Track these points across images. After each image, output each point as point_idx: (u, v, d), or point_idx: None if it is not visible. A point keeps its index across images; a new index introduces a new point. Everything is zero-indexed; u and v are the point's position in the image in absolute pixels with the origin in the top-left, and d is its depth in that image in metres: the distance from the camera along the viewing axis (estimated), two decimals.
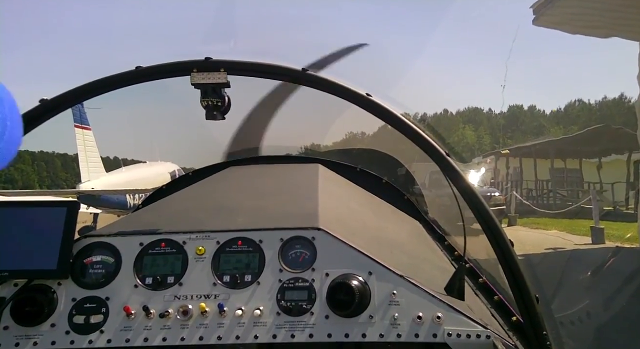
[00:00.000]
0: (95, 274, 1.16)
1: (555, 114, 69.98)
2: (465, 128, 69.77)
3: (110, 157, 39.34)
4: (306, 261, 1.15)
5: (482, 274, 1.60)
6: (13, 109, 0.83)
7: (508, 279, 1.15)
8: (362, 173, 2.44)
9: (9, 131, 0.81)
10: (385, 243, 1.46)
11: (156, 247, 1.18)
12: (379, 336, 1.08)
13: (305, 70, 1.23)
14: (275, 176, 2.15)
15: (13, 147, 0.82)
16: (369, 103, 1.22)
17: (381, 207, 2.15)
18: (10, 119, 0.82)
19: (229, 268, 1.16)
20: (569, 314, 3.81)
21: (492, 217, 1.15)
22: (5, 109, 0.81)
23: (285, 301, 1.11)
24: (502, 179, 25.36)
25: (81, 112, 15.39)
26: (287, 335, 1.08)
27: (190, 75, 1.21)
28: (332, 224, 1.24)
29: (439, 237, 2.05)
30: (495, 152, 28.18)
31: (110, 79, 1.25)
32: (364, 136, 4.24)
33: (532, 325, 1.12)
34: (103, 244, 1.19)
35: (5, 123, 0.80)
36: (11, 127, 0.82)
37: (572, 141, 22.31)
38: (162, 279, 1.14)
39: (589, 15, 7.70)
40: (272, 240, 1.18)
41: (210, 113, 1.26)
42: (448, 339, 1.07)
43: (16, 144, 0.84)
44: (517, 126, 69.77)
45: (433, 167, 1.26)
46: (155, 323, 1.10)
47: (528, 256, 7.68)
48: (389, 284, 1.11)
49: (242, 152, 2.69)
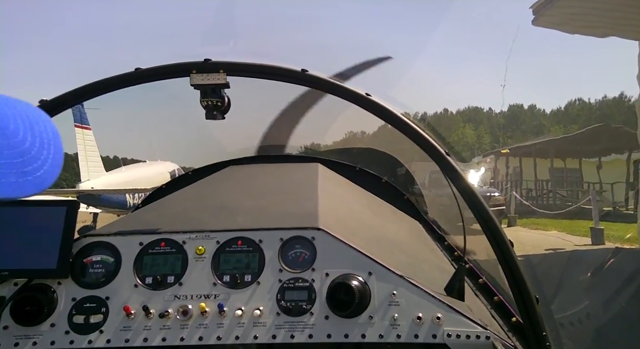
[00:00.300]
0: (95, 274, 1.16)
1: (555, 113, 70.05)
2: (465, 127, 69.80)
3: (110, 156, 39.34)
4: (306, 261, 1.15)
5: (482, 275, 1.60)
6: (56, 134, 0.84)
7: (508, 280, 1.15)
8: (362, 173, 2.44)
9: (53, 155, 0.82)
10: (385, 243, 1.46)
11: (156, 247, 1.18)
12: (379, 336, 1.08)
13: (305, 71, 1.23)
14: (275, 175, 2.14)
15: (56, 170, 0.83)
16: (369, 103, 1.22)
17: (381, 207, 2.15)
18: (54, 144, 0.83)
19: (229, 267, 1.15)
20: (568, 315, 3.81)
21: (492, 217, 1.15)
22: (49, 135, 0.82)
23: (285, 301, 1.11)
24: (501, 178, 25.38)
25: (81, 112, 15.41)
26: (287, 335, 1.08)
27: (190, 76, 1.21)
28: (332, 224, 1.24)
29: (439, 237, 2.05)
30: (495, 152, 28.19)
31: (110, 80, 1.25)
32: (364, 136, 4.25)
33: (531, 326, 1.12)
34: (103, 243, 1.19)
35: (50, 148, 0.81)
36: (55, 151, 0.82)
37: (572, 141, 22.32)
38: (162, 279, 1.14)
39: (588, 15, 7.70)
40: (272, 240, 1.17)
41: (210, 113, 1.26)
42: (448, 340, 1.07)
43: (58, 167, 0.84)
44: (517, 126, 69.84)
45: (433, 167, 1.26)
46: (155, 323, 1.10)
47: (528, 256, 7.69)
48: (388, 284, 1.11)
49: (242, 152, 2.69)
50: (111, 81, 1.25)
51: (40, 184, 0.78)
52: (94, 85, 1.25)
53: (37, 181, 0.78)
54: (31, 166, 0.77)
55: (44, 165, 0.79)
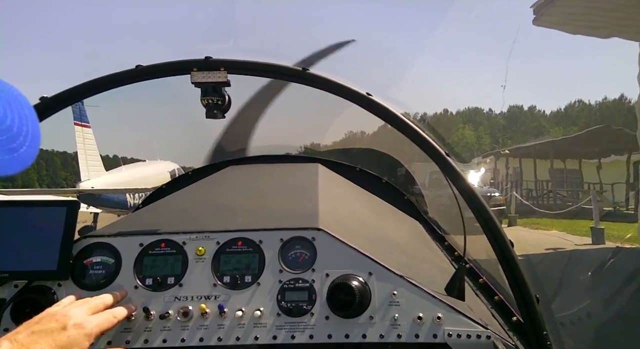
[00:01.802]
0: (96, 275, 1.15)
1: (555, 115, 70.05)
2: (465, 128, 69.84)
3: (110, 155, 39.36)
4: (306, 261, 1.15)
5: (482, 275, 1.60)
6: (31, 109, 0.85)
7: (508, 280, 1.14)
8: (362, 173, 2.44)
9: (32, 130, 0.82)
10: (386, 243, 1.46)
11: (156, 247, 1.18)
12: (379, 336, 1.07)
13: (306, 70, 1.22)
14: (275, 175, 2.14)
15: (36, 143, 0.83)
16: (369, 102, 1.21)
17: (381, 207, 2.15)
18: (31, 118, 0.84)
19: (229, 268, 1.15)
20: (569, 315, 3.82)
21: (492, 217, 1.15)
22: (25, 110, 0.82)
23: (285, 301, 1.11)
24: (502, 179, 25.39)
25: (81, 109, 15.42)
26: (288, 336, 1.08)
27: (191, 74, 1.21)
28: (332, 225, 1.24)
29: (439, 237, 2.05)
30: (495, 153, 28.21)
31: (111, 78, 1.25)
32: (364, 136, 4.24)
33: (532, 325, 1.12)
34: (103, 244, 1.19)
35: (28, 123, 0.81)
36: (32, 126, 0.83)
37: (572, 142, 22.34)
38: (162, 280, 1.13)
39: (589, 16, 7.69)
40: (272, 240, 1.17)
41: (210, 112, 1.25)
42: (448, 340, 1.06)
43: (38, 140, 0.84)
44: (517, 126, 69.85)
45: (433, 167, 1.25)
46: (156, 324, 1.09)
47: (528, 256, 7.68)
48: (389, 284, 1.11)
49: (242, 152, 2.69)
50: (112, 78, 1.24)
51: (25, 160, 0.79)
52: (95, 82, 1.25)
53: (22, 157, 0.78)
54: (15, 143, 0.77)
55: (26, 141, 0.80)
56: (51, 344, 0.88)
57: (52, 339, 0.89)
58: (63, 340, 0.90)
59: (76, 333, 0.92)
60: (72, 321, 0.93)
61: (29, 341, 0.86)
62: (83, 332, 0.93)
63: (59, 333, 0.90)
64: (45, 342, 0.88)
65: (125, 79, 1.25)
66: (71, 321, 0.93)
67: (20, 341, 0.86)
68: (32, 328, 0.90)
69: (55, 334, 0.90)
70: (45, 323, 0.92)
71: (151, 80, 1.26)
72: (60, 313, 0.95)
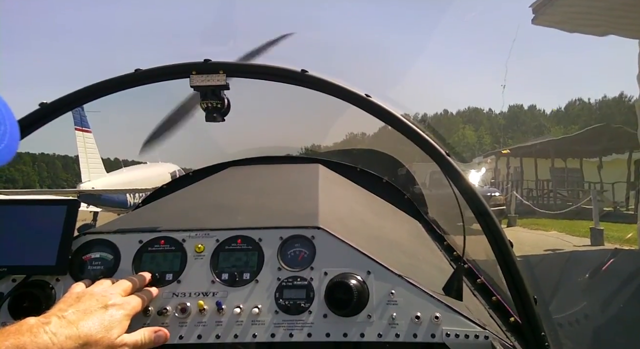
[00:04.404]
0: (94, 271, 1.16)
1: (556, 114, 70.02)
2: (466, 128, 69.83)
3: (111, 158, 39.29)
4: (305, 259, 1.15)
5: (481, 275, 1.60)
6: (6, 107, 0.86)
7: (507, 280, 1.14)
8: (363, 173, 2.44)
9: (10, 129, 0.83)
10: (385, 243, 1.46)
11: (155, 244, 1.18)
12: (378, 335, 1.08)
13: (305, 72, 1.23)
14: (275, 175, 2.15)
15: (14, 143, 0.84)
16: (369, 104, 1.22)
17: (381, 207, 2.15)
18: (8, 118, 0.85)
19: (228, 265, 1.15)
20: (567, 316, 3.82)
21: (492, 217, 1.15)
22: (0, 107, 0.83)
23: (283, 299, 1.11)
24: (502, 179, 25.38)
25: (81, 115, 15.48)
26: (286, 334, 1.08)
27: (190, 78, 1.21)
28: (332, 224, 1.24)
29: (439, 237, 2.05)
30: (495, 152, 28.21)
31: (110, 82, 1.25)
32: (365, 137, 4.26)
33: (530, 326, 1.12)
34: (102, 241, 1.19)
35: (5, 122, 0.82)
36: (10, 125, 0.84)
37: (573, 141, 22.35)
38: (160, 276, 1.14)
39: (588, 14, 7.70)
40: (271, 238, 1.17)
41: (210, 115, 1.25)
42: (446, 340, 1.07)
43: (16, 140, 0.86)
44: (518, 126, 69.84)
45: (433, 167, 1.25)
46: (153, 321, 1.09)
47: (527, 257, 7.69)
48: (387, 283, 1.11)
49: (243, 153, 2.69)
50: (111, 83, 1.25)
51: (3, 157, 0.80)
52: (94, 87, 1.25)
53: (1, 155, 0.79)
54: None
55: (3, 138, 0.81)
56: (96, 322, 0.92)
57: (97, 318, 0.93)
58: (107, 319, 0.94)
59: (117, 313, 0.96)
60: (111, 301, 0.97)
61: (75, 319, 0.90)
62: (123, 312, 0.97)
63: (102, 312, 0.94)
64: (91, 320, 0.92)
65: (124, 84, 1.25)
66: (110, 301, 0.97)
67: (68, 318, 0.90)
68: (76, 306, 0.94)
69: (99, 313, 0.94)
70: (87, 301, 0.96)
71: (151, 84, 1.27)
72: (100, 293, 0.99)
